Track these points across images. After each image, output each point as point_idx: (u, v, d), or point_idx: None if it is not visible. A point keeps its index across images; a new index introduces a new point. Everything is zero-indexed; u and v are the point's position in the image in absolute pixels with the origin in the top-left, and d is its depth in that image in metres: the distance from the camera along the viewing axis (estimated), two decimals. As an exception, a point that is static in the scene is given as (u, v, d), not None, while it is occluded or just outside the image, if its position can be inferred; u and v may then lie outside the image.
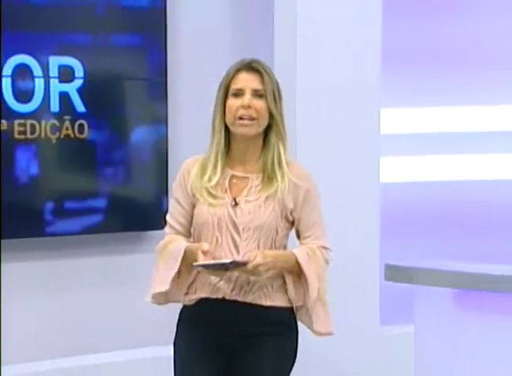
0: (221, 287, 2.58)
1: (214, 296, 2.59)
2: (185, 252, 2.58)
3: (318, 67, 3.71)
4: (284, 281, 2.62)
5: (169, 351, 2.64)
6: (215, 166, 2.62)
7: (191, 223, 2.68)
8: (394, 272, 3.31)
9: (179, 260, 2.58)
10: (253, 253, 2.51)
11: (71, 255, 3.62)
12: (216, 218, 2.58)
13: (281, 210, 2.59)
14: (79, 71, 3.60)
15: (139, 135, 3.71)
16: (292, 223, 2.64)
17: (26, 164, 3.52)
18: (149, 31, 3.73)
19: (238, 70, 2.58)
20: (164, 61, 3.72)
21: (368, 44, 3.74)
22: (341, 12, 3.72)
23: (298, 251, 2.62)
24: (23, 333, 3.62)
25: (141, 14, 3.72)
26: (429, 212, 4.09)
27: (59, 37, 3.55)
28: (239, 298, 2.57)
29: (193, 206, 2.66)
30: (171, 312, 2.65)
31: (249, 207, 2.58)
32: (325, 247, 2.65)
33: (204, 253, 2.51)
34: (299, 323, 2.64)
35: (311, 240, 2.64)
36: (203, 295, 2.61)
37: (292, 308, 2.65)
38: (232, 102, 2.57)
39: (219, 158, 2.62)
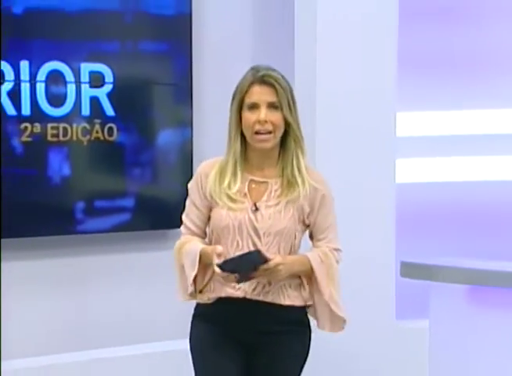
0: (242, 287, 2.59)
1: (234, 295, 2.60)
2: (200, 255, 2.59)
3: (337, 73, 3.75)
4: (301, 281, 2.64)
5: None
6: (234, 174, 2.62)
7: (206, 224, 2.69)
8: (409, 269, 3.36)
9: (196, 264, 2.58)
10: (272, 255, 2.52)
11: (100, 252, 3.70)
12: (237, 222, 2.58)
13: (299, 215, 2.61)
14: (109, 77, 3.69)
15: (165, 137, 3.78)
16: (307, 226, 2.66)
17: (58, 166, 3.61)
18: (175, 38, 3.80)
19: (251, 84, 2.58)
20: (189, 67, 3.79)
21: (385, 50, 3.77)
22: (359, 18, 3.75)
23: (312, 255, 2.64)
24: (54, 325, 3.68)
25: (167, 22, 3.79)
26: (442, 211, 4.14)
27: (89, 45, 3.64)
28: (260, 298, 2.59)
29: (210, 208, 2.67)
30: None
31: (269, 213, 2.58)
32: (337, 249, 2.67)
33: (219, 255, 2.51)
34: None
35: (325, 242, 2.66)
36: (223, 294, 2.61)
37: (306, 307, 2.67)
38: (249, 116, 2.57)
39: (238, 166, 2.62)
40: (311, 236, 2.68)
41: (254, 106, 2.57)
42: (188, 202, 2.71)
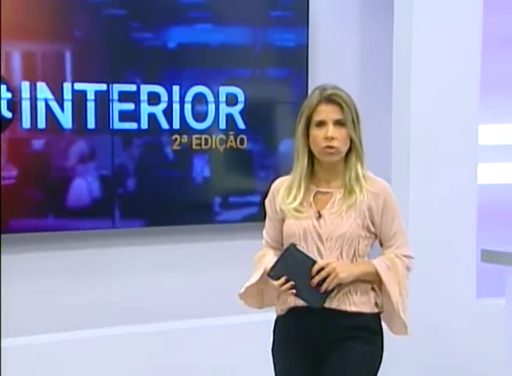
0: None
1: (300, 304, 2.54)
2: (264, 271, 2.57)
3: (429, 93, 3.90)
4: (371, 288, 2.57)
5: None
6: (299, 188, 2.58)
7: (281, 237, 2.65)
8: (488, 255, 3.59)
9: (260, 275, 2.59)
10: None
11: (233, 239, 3.99)
12: (302, 229, 2.54)
13: (362, 221, 2.54)
14: (241, 97, 4.02)
15: (285, 146, 4.04)
16: (375, 234, 2.58)
17: (200, 169, 3.98)
18: (295, 65, 4.10)
19: (319, 102, 2.54)
20: (305, 88, 4.06)
21: (469, 74, 3.94)
22: (447, 45, 3.90)
23: (377, 260, 2.57)
24: (197, 302, 3.94)
25: (288, 52, 4.09)
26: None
27: (226, 72, 3.98)
28: (325, 305, 2.51)
29: (283, 221, 2.63)
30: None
31: (332, 219, 2.53)
32: (406, 256, 2.59)
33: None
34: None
35: (394, 249, 2.58)
36: (292, 305, 2.57)
37: (377, 313, 2.59)
38: (317, 133, 2.52)
39: (302, 180, 2.58)
40: (381, 244, 2.62)
41: (321, 124, 2.52)
42: (266, 217, 2.70)
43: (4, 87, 3.56)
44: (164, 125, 3.91)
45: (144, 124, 3.86)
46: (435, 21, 3.87)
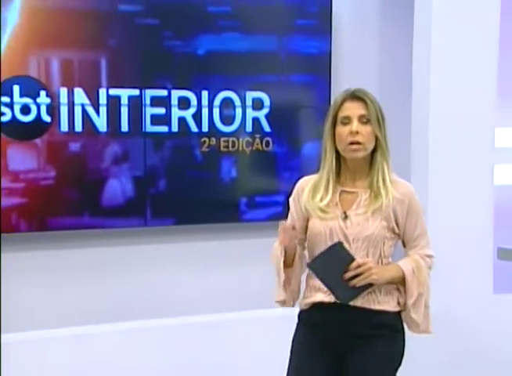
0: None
1: (326, 300, 2.55)
2: (284, 262, 2.55)
3: (448, 97, 3.92)
4: (395, 288, 2.59)
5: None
6: (327, 187, 2.57)
7: (302, 234, 2.63)
8: (504, 254, 3.73)
9: (282, 269, 2.56)
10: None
11: (259, 236, 3.86)
12: (328, 229, 2.53)
13: (387, 223, 2.54)
14: (267, 102, 4.09)
15: (309, 148, 4.12)
16: (398, 235, 2.59)
17: (228, 170, 4.05)
18: (318, 71, 4.16)
19: (344, 100, 2.54)
20: (328, 93, 4.13)
21: (485, 79, 3.95)
22: (463, 46, 3.91)
23: (404, 263, 2.57)
24: (228, 299, 4.01)
25: (312, 59, 4.14)
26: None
27: (253, 78, 4.05)
28: (350, 302, 2.52)
29: (306, 219, 2.62)
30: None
31: (358, 220, 2.53)
32: (429, 256, 2.62)
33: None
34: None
35: (418, 250, 2.60)
36: (318, 300, 2.57)
37: (399, 311, 2.60)
38: (342, 129, 2.52)
39: (330, 179, 2.57)
40: (403, 245, 2.63)
41: (346, 120, 2.52)
42: (289, 214, 2.68)
43: (43, 93, 3.69)
44: (194, 128, 3.99)
45: (174, 128, 3.94)
46: (453, 27, 3.91)
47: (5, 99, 3.64)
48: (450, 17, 3.90)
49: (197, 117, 3.98)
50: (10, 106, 3.65)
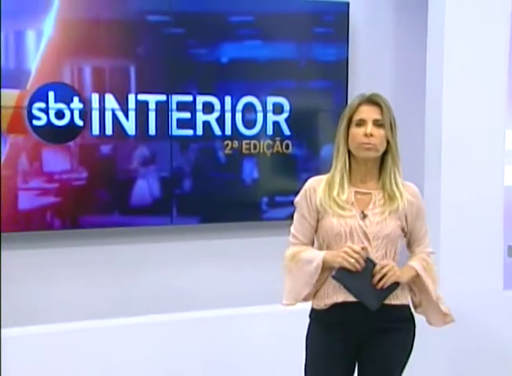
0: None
1: (349, 300, 2.56)
2: (323, 262, 2.55)
3: (460, 100, 3.93)
4: (411, 287, 2.67)
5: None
6: (342, 185, 2.58)
7: (313, 235, 2.64)
8: None
9: (320, 268, 2.54)
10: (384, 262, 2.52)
11: (278, 235, 3.54)
12: (348, 228, 2.54)
13: (401, 223, 2.61)
14: (287, 107, 4.16)
15: (327, 151, 4.11)
16: (405, 233, 2.66)
17: (250, 171, 4.13)
18: (335, 77, 4.23)
19: (360, 104, 2.58)
20: (345, 98, 4.19)
21: (497, 78, 3.95)
22: (475, 53, 3.92)
23: (416, 264, 2.63)
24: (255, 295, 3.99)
25: (330, 66, 4.22)
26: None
27: (273, 84, 4.13)
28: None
29: (317, 220, 2.61)
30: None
31: (377, 219, 2.56)
32: (432, 253, 2.72)
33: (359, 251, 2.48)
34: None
35: (422, 248, 2.69)
36: (340, 300, 2.57)
37: (409, 305, 2.67)
38: (356, 131, 2.55)
39: (345, 178, 2.58)
40: (408, 243, 2.70)
41: (361, 122, 2.55)
42: (296, 216, 2.66)
43: (76, 98, 3.83)
44: (217, 132, 4.08)
45: (199, 131, 4.03)
46: (466, 34, 3.94)
47: (41, 105, 3.78)
48: (463, 25, 3.95)
49: (221, 121, 4.07)
50: (45, 111, 3.79)
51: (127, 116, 3.91)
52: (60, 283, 3.94)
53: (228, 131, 4.09)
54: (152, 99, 3.96)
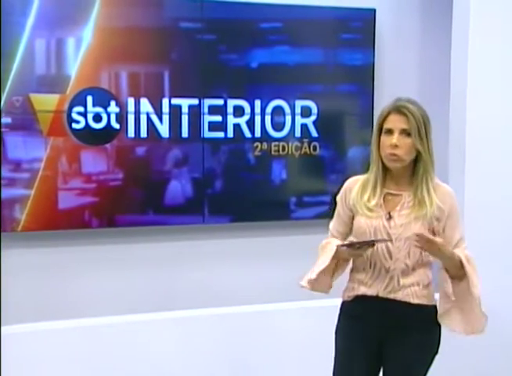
0: (375, 286, 2.65)
1: (368, 293, 2.64)
2: (336, 252, 2.62)
3: (483, 103, 3.98)
4: (429, 283, 2.65)
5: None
6: (374, 189, 2.64)
7: (347, 231, 2.73)
8: None
9: (330, 256, 2.63)
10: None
11: (306, 233, 3.98)
12: (373, 228, 2.61)
13: (429, 225, 2.61)
14: (314, 110, 4.17)
15: (353, 152, 4.22)
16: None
17: (278, 172, 4.15)
18: (362, 81, 4.24)
19: (389, 113, 2.61)
20: (371, 101, 4.22)
21: None
22: (500, 58, 3.97)
23: (459, 251, 2.61)
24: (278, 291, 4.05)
25: (356, 70, 4.23)
26: None
27: (301, 88, 4.13)
28: (391, 296, 2.61)
29: (352, 218, 2.69)
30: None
31: (401, 221, 2.59)
32: (471, 258, 2.67)
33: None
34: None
35: (460, 250, 2.64)
36: (360, 293, 2.66)
37: (435, 306, 2.65)
38: (385, 139, 2.60)
39: (378, 181, 2.64)
40: None
41: (389, 131, 2.60)
42: (335, 212, 2.78)
43: (113, 102, 3.91)
44: (247, 134, 4.12)
45: (230, 134, 4.07)
46: (490, 37, 3.96)
47: (80, 109, 3.88)
48: (487, 29, 3.97)
49: (251, 123, 4.11)
50: (84, 114, 3.88)
51: (161, 119, 3.95)
52: (97, 279, 4.02)
53: (257, 134, 4.12)
54: (185, 103, 4.00)
